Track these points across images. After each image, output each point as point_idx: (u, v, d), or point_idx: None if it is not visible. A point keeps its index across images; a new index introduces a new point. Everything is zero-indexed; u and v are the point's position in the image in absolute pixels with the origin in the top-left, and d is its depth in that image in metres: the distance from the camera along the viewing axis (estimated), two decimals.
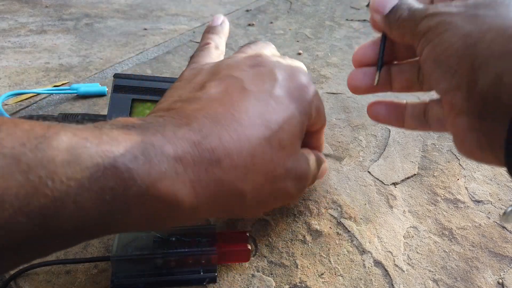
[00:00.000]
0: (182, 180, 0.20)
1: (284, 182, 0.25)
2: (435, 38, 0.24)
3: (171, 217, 0.21)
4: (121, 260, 0.27)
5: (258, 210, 0.27)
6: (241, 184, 0.23)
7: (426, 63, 0.25)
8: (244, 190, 0.23)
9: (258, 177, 0.23)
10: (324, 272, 0.31)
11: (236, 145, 0.22)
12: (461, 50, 0.22)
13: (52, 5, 0.84)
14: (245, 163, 0.22)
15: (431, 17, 0.24)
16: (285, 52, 0.67)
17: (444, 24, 0.23)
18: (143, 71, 0.59)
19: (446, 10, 0.24)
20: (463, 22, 0.23)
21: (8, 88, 0.53)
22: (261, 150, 0.23)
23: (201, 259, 0.29)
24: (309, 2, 0.93)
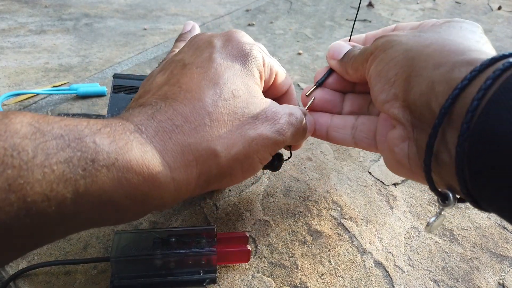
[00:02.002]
0: (149, 150, 0.21)
1: (256, 127, 0.25)
2: (380, 54, 0.25)
3: (153, 193, 0.21)
4: (120, 260, 0.27)
5: (242, 169, 0.26)
6: (209, 142, 0.23)
7: (371, 80, 0.26)
8: (214, 147, 0.23)
9: (223, 130, 0.24)
10: (324, 273, 0.31)
11: (190, 109, 0.23)
12: (401, 63, 0.23)
13: (52, 5, 0.84)
14: (205, 122, 0.23)
15: (379, 39, 0.26)
16: (285, 52, 0.67)
17: (390, 42, 0.25)
18: (142, 71, 0.59)
19: (392, 33, 0.26)
20: (407, 39, 0.24)
21: (7, 88, 0.53)
22: (215, 105, 0.24)
23: (201, 260, 0.28)
24: (309, 2, 0.93)
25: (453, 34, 0.24)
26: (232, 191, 0.38)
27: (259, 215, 0.35)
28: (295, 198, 0.38)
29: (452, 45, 0.22)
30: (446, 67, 0.20)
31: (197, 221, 0.34)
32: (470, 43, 0.22)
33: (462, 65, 0.20)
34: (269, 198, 0.37)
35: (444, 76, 0.20)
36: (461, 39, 0.23)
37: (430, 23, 0.27)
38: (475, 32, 0.24)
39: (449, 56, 0.21)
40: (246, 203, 0.37)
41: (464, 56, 0.21)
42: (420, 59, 0.22)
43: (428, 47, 0.23)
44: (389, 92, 0.24)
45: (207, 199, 0.37)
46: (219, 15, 0.83)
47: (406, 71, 0.23)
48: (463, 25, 0.25)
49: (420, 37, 0.24)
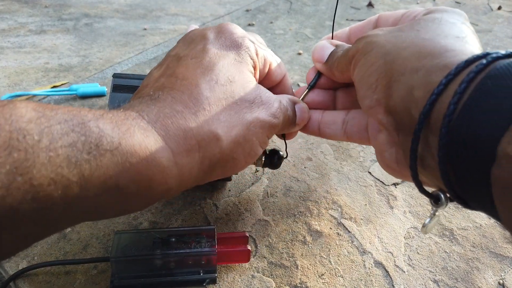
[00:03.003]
0: (151, 135, 0.21)
1: (253, 110, 0.26)
2: (361, 58, 0.25)
3: (157, 178, 0.21)
4: (120, 261, 0.27)
5: (243, 152, 0.26)
6: (210, 126, 0.23)
7: (355, 83, 0.26)
8: (215, 131, 0.24)
9: (223, 114, 0.24)
10: (324, 273, 0.31)
11: (188, 95, 0.24)
12: (381, 67, 0.23)
13: (52, 5, 0.84)
14: (204, 107, 0.24)
15: (359, 41, 0.26)
16: (285, 52, 0.67)
17: (370, 44, 0.25)
18: (142, 71, 0.59)
19: (372, 33, 0.26)
20: (385, 41, 0.24)
21: (7, 88, 0.53)
22: (212, 90, 0.24)
23: (201, 260, 0.28)
24: (309, 2, 0.93)
25: (431, 31, 0.23)
26: (232, 191, 0.38)
27: (259, 215, 0.35)
28: (295, 198, 0.37)
29: (429, 47, 0.22)
30: (423, 72, 0.21)
31: (197, 221, 0.34)
32: (447, 42, 0.22)
33: (438, 69, 0.20)
34: (269, 198, 0.37)
35: (421, 81, 0.20)
36: (439, 37, 0.23)
37: (412, 15, 0.27)
38: (454, 25, 0.24)
39: (426, 60, 0.21)
40: (246, 203, 0.37)
41: (440, 59, 0.21)
42: (399, 63, 0.22)
43: (406, 49, 0.23)
44: (372, 98, 0.24)
45: (207, 199, 0.37)
46: (219, 15, 0.83)
47: (386, 76, 0.23)
48: (444, 16, 0.25)
49: (398, 38, 0.24)
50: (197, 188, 0.38)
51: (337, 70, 0.29)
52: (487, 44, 0.74)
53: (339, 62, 0.29)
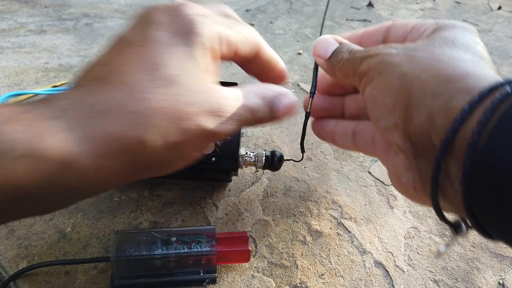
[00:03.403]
0: (69, 137, 0.19)
1: (196, 118, 0.22)
2: (375, 78, 0.25)
3: (74, 183, 0.20)
4: (120, 260, 0.27)
5: (179, 158, 0.24)
6: (138, 131, 0.21)
7: (367, 102, 0.25)
8: (143, 137, 0.21)
9: (158, 119, 0.21)
10: (324, 273, 0.31)
11: (121, 94, 0.21)
12: (398, 89, 0.23)
13: (52, 5, 0.84)
14: (136, 109, 0.21)
15: (372, 58, 0.25)
16: (285, 52, 0.67)
17: (384, 64, 0.24)
18: None
19: (385, 51, 0.25)
20: (401, 62, 0.24)
21: (7, 88, 0.53)
22: (150, 91, 0.21)
23: (201, 260, 0.28)
24: (309, 2, 0.93)
25: (447, 53, 0.23)
26: (232, 191, 0.38)
27: (259, 215, 0.35)
28: (295, 198, 0.38)
29: (448, 70, 0.21)
30: (445, 96, 0.20)
31: (197, 221, 0.34)
32: (466, 65, 0.22)
33: (460, 93, 0.20)
34: (269, 198, 0.37)
35: (443, 107, 0.20)
36: (457, 60, 0.22)
37: (421, 29, 0.27)
38: (469, 46, 0.23)
39: (447, 84, 0.21)
40: (246, 203, 0.37)
41: (462, 83, 0.20)
42: (418, 86, 0.22)
43: (424, 72, 0.22)
44: (388, 120, 0.23)
45: (207, 199, 0.37)
46: None
47: (405, 100, 0.22)
48: (457, 36, 0.24)
49: (414, 59, 0.23)
50: (197, 188, 0.38)
51: (340, 73, 0.28)
52: (487, 44, 0.74)
53: (344, 65, 0.28)
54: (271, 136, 0.46)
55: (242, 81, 0.57)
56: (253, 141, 0.45)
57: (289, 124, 0.48)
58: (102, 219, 0.34)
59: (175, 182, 0.38)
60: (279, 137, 0.46)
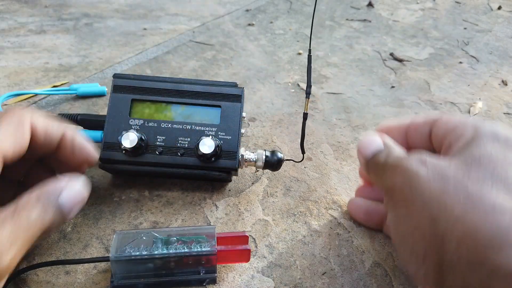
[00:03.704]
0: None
1: None
2: (399, 204, 0.23)
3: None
4: (120, 261, 0.27)
5: None
6: None
7: (393, 233, 0.24)
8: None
9: None
10: (324, 273, 0.31)
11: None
12: (429, 238, 0.21)
13: (52, 5, 0.84)
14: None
15: (398, 173, 0.24)
16: (285, 52, 0.67)
17: (410, 188, 0.22)
18: (142, 71, 0.59)
19: (413, 169, 0.23)
20: (429, 192, 0.21)
21: (7, 88, 0.53)
22: None
23: (201, 260, 0.28)
24: (309, 2, 0.93)
25: (485, 198, 0.20)
26: (232, 191, 0.38)
27: (259, 215, 0.35)
28: (295, 198, 0.38)
29: (486, 229, 0.18)
30: (482, 273, 0.18)
31: (197, 221, 0.34)
32: (506, 223, 0.18)
33: (499, 277, 0.17)
34: (269, 198, 0.37)
35: (480, 285, 0.18)
36: (497, 213, 0.19)
37: (459, 132, 0.24)
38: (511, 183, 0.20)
39: (485, 251, 0.18)
40: (246, 203, 0.37)
41: (501, 260, 0.18)
42: (450, 249, 0.20)
43: (458, 221, 0.20)
44: (418, 269, 0.22)
45: (207, 199, 0.37)
46: (219, 15, 0.83)
47: (437, 254, 0.20)
48: (497, 165, 0.21)
49: (445, 190, 0.21)
50: (197, 188, 0.38)
51: (373, 176, 0.28)
52: (487, 44, 0.74)
53: (377, 172, 0.27)
54: (271, 136, 0.46)
55: (242, 81, 0.58)
56: (253, 141, 0.45)
57: (289, 124, 0.48)
58: (102, 219, 0.34)
59: (175, 182, 0.38)
60: (279, 137, 0.46)
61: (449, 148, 0.25)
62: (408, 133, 0.29)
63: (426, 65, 0.66)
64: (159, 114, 0.36)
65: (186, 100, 0.36)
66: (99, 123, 0.37)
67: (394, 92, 0.57)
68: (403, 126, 0.30)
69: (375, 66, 0.64)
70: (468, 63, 0.67)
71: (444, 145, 0.26)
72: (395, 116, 0.51)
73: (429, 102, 0.55)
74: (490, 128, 0.23)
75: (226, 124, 0.35)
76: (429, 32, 0.79)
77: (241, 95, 0.36)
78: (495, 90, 0.59)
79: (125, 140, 0.33)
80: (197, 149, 0.34)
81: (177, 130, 0.35)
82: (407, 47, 0.72)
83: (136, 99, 0.36)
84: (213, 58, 0.64)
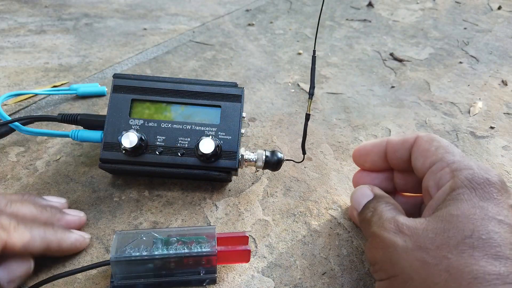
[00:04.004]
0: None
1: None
2: (384, 282, 0.23)
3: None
4: (120, 261, 0.27)
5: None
6: None
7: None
8: None
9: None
10: (324, 273, 0.31)
11: None
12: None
13: (52, 5, 0.84)
14: None
15: (378, 245, 0.24)
16: (285, 52, 0.67)
17: (390, 265, 0.22)
18: (142, 71, 0.59)
19: (392, 241, 0.23)
20: (411, 272, 0.21)
21: (7, 88, 0.53)
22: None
23: (201, 260, 0.28)
24: (309, 2, 0.93)
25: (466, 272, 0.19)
26: (232, 191, 0.38)
27: (259, 215, 0.35)
28: (295, 198, 0.38)
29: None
30: None
31: (197, 221, 0.34)
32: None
33: None
34: (269, 198, 0.37)
35: None
36: (476, 282, 0.19)
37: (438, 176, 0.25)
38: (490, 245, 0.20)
39: None
40: (246, 203, 0.37)
41: None
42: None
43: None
44: None
45: (207, 199, 0.37)
46: (219, 15, 0.83)
47: None
48: (476, 225, 0.20)
49: (426, 263, 0.20)
50: (197, 188, 0.38)
51: (361, 227, 0.29)
52: (487, 44, 0.74)
53: (363, 226, 0.28)
54: (271, 136, 0.46)
55: (242, 81, 0.58)
56: (253, 141, 0.45)
57: (289, 124, 0.48)
58: (102, 219, 0.34)
59: (175, 182, 0.38)
60: (279, 137, 0.46)
61: (427, 194, 0.26)
62: (387, 153, 0.30)
63: (426, 65, 0.66)
64: (159, 114, 0.36)
65: (186, 100, 0.36)
66: (99, 123, 0.37)
67: (394, 92, 0.57)
68: (381, 148, 0.31)
69: (375, 66, 0.64)
70: (468, 63, 0.67)
71: (424, 185, 0.26)
72: (395, 116, 0.51)
73: (429, 102, 0.55)
74: (467, 174, 0.23)
75: (226, 124, 0.35)
76: (429, 32, 0.79)
77: (241, 95, 0.36)
78: (495, 90, 0.59)
79: (125, 140, 0.33)
80: (197, 149, 0.34)
81: (177, 130, 0.35)
82: (407, 47, 0.72)
83: (136, 99, 0.36)
84: (213, 58, 0.64)
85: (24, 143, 0.43)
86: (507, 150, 0.46)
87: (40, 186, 0.37)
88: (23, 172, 0.39)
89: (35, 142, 0.43)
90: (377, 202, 0.28)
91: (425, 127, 0.49)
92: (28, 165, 0.40)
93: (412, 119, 0.51)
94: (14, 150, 0.42)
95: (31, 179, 0.38)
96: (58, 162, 0.40)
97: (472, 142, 0.47)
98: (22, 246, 0.26)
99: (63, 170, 0.39)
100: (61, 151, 0.42)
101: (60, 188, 0.37)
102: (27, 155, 0.41)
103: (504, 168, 0.43)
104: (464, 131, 0.49)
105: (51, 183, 0.38)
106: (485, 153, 0.45)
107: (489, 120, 0.52)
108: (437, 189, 0.25)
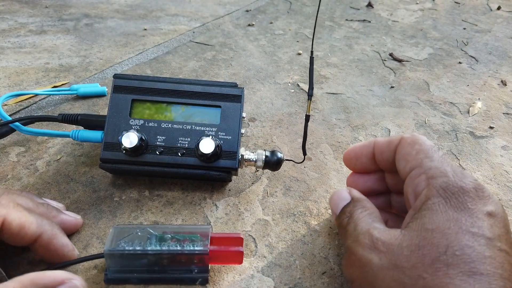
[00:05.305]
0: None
1: None
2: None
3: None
4: (114, 254, 0.27)
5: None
6: None
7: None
8: None
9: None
10: (324, 272, 0.31)
11: None
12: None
13: (52, 6, 0.84)
14: None
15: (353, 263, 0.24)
16: (285, 52, 0.67)
17: (366, 285, 0.22)
18: (143, 71, 0.59)
19: (367, 259, 0.23)
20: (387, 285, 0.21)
21: (7, 89, 0.53)
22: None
23: (193, 259, 0.28)
24: (309, 2, 0.93)
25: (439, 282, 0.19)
26: (232, 191, 0.38)
27: (259, 215, 0.36)
28: (295, 198, 0.38)
29: None
30: None
31: (197, 221, 0.35)
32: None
33: None
34: (269, 198, 0.37)
35: None
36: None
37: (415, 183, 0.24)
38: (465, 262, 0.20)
39: None
40: (246, 203, 0.37)
41: None
42: None
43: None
44: None
45: (207, 199, 0.37)
46: (219, 15, 0.83)
47: None
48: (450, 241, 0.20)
49: (402, 283, 0.20)
50: (197, 188, 0.38)
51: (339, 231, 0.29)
52: (487, 44, 0.74)
53: (340, 231, 0.28)
54: (271, 136, 0.46)
55: (242, 81, 0.58)
56: (253, 141, 0.45)
57: (289, 124, 0.48)
58: (102, 219, 0.34)
59: (175, 182, 0.39)
60: (279, 137, 0.46)
61: (407, 200, 0.26)
62: (375, 155, 0.31)
63: (425, 65, 0.66)
64: (159, 114, 0.36)
65: (186, 100, 0.36)
66: (100, 123, 0.37)
67: (394, 92, 0.57)
68: (370, 150, 0.31)
69: (374, 67, 0.64)
70: (467, 63, 0.67)
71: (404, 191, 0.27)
72: (394, 116, 0.51)
73: (428, 102, 0.55)
74: (441, 182, 0.23)
75: (226, 124, 0.36)
76: (429, 32, 0.79)
77: (241, 95, 0.36)
78: (494, 90, 0.59)
79: (125, 140, 0.33)
80: (197, 149, 0.34)
81: (177, 130, 0.35)
82: (406, 47, 0.72)
83: (136, 99, 0.36)
84: (213, 59, 0.64)
85: (24, 143, 0.43)
86: (506, 150, 0.46)
87: (41, 186, 0.37)
88: (24, 172, 0.39)
89: (35, 142, 0.43)
90: (353, 207, 0.28)
91: (424, 127, 0.49)
92: (28, 165, 0.40)
93: (412, 119, 0.51)
94: (14, 150, 0.42)
95: (31, 179, 0.38)
96: (59, 162, 0.40)
97: (472, 142, 0.47)
98: (19, 225, 0.26)
99: (63, 170, 0.39)
100: (61, 151, 0.42)
101: (61, 188, 0.37)
102: (27, 155, 0.41)
103: (503, 168, 0.43)
104: (464, 131, 0.49)
105: (52, 183, 0.38)
106: (484, 153, 0.45)
107: (489, 120, 0.52)
108: (414, 196, 0.25)
